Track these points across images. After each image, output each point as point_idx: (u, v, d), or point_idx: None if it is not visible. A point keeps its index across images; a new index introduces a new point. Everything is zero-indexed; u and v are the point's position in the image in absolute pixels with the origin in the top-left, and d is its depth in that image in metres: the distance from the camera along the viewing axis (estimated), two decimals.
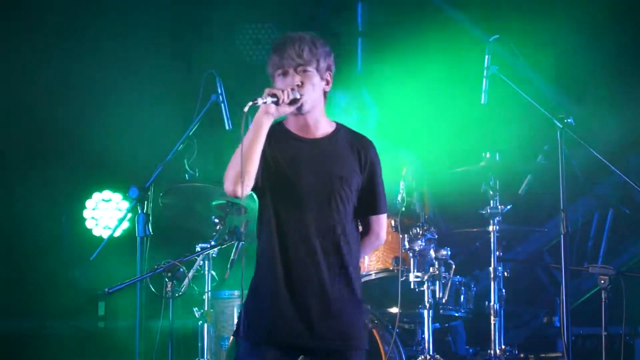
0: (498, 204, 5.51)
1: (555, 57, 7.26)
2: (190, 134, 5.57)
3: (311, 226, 3.86)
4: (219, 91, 5.59)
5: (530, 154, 6.10)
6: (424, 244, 5.49)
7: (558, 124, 4.68)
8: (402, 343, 5.64)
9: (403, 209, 5.54)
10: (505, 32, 4.94)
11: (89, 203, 7.33)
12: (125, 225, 6.89)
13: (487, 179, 5.54)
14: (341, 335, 3.87)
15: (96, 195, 7.33)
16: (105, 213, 7.30)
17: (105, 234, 7.23)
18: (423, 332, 5.47)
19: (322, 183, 3.88)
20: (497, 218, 5.49)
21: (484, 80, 4.95)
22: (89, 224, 7.14)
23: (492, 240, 5.48)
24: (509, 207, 5.53)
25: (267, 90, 3.82)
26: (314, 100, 3.92)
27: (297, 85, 3.86)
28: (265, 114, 3.81)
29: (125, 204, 7.33)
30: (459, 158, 6.05)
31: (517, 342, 6.01)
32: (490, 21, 7.24)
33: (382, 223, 4.08)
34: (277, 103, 3.81)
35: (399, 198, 5.56)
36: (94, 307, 7.23)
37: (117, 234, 6.89)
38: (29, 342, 7.12)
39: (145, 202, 5.50)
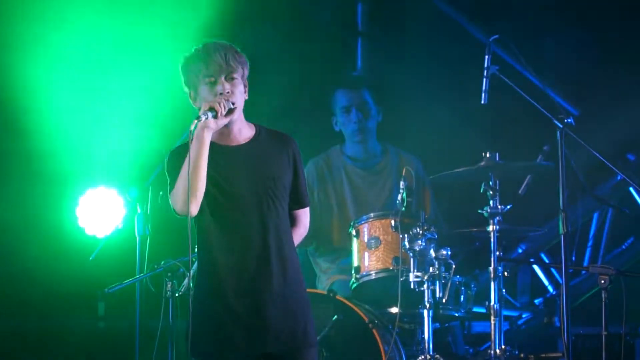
0: (498, 204, 5.51)
1: (555, 56, 7.26)
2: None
3: (251, 231, 3.88)
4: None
5: (530, 154, 6.10)
6: (424, 244, 5.48)
7: (558, 124, 4.67)
8: (402, 343, 5.64)
9: (403, 209, 5.54)
10: (505, 32, 4.94)
11: (82, 200, 7.33)
12: (119, 224, 6.90)
13: (487, 179, 5.53)
14: (294, 334, 3.90)
15: (90, 192, 7.34)
16: (99, 210, 7.29)
17: (98, 235, 7.23)
18: (423, 332, 5.47)
19: (257, 186, 3.92)
20: (497, 218, 5.49)
21: (484, 80, 4.95)
22: (81, 222, 7.14)
23: (492, 240, 5.48)
24: (509, 207, 5.52)
25: (203, 106, 3.86)
26: (241, 109, 3.96)
27: (228, 92, 3.89)
28: (206, 129, 3.84)
29: (121, 200, 7.32)
30: (459, 158, 6.04)
31: (517, 342, 6.01)
32: (490, 21, 7.24)
33: (308, 214, 4.16)
34: (215, 116, 3.85)
35: (399, 198, 5.56)
36: (94, 307, 7.22)
37: (109, 232, 6.91)
38: (29, 342, 7.12)
39: (145, 202, 5.50)
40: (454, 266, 5.50)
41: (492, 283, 5.47)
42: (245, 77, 4.01)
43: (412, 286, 5.46)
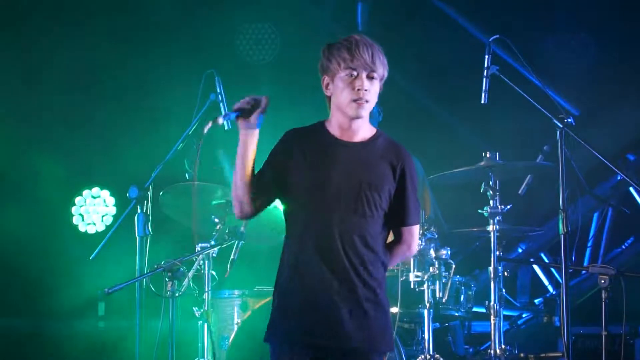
0: (498, 204, 5.51)
1: (555, 56, 7.27)
2: (190, 133, 5.57)
3: (336, 228, 3.83)
4: (219, 90, 5.60)
5: (530, 154, 6.10)
6: (424, 243, 5.49)
7: (558, 124, 4.67)
8: (402, 343, 5.64)
9: None
10: (505, 32, 4.94)
11: (78, 200, 7.34)
12: (109, 220, 6.93)
13: (487, 179, 5.53)
14: (367, 338, 3.85)
15: (85, 192, 7.34)
16: (92, 209, 7.30)
17: (90, 230, 7.23)
18: (423, 332, 5.47)
19: (351, 187, 3.86)
20: (497, 218, 5.49)
21: (484, 80, 4.95)
22: (75, 220, 7.14)
23: (492, 240, 5.48)
24: (509, 207, 5.52)
25: (219, 118, 3.80)
26: (371, 107, 3.93)
27: (366, 90, 3.87)
28: (243, 130, 3.82)
29: (112, 200, 7.33)
30: (459, 158, 6.04)
31: (517, 342, 6.02)
32: (490, 21, 7.24)
33: (414, 234, 4.03)
34: (240, 115, 3.82)
35: None
36: (94, 307, 7.23)
37: (100, 228, 6.91)
38: (29, 342, 7.12)
39: (145, 202, 5.50)
40: (454, 266, 5.50)
41: (492, 283, 5.47)
42: (383, 80, 3.97)
43: (412, 286, 5.46)
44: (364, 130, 3.97)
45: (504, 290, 5.53)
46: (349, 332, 3.82)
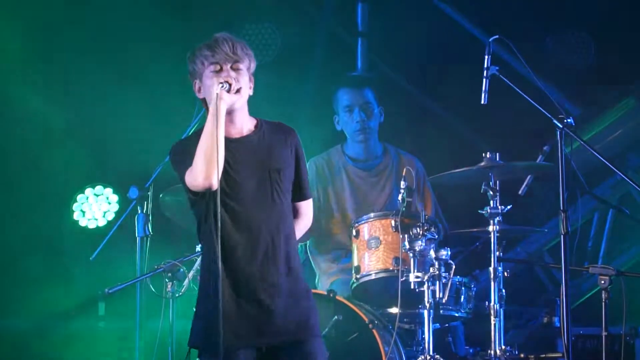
0: (498, 204, 5.50)
1: (555, 56, 7.27)
2: (190, 133, 5.57)
3: (257, 223, 3.90)
4: None
5: (530, 154, 6.10)
6: (424, 244, 5.48)
7: (558, 124, 4.67)
8: (402, 343, 5.64)
9: (403, 209, 5.54)
10: (505, 32, 4.94)
11: (80, 197, 7.34)
12: (111, 216, 6.92)
13: (487, 179, 5.53)
14: (299, 326, 3.92)
15: (88, 190, 7.35)
16: (94, 206, 7.30)
17: (91, 225, 7.23)
18: (423, 332, 5.46)
19: (263, 178, 3.93)
20: (497, 218, 5.48)
21: (484, 80, 4.94)
22: (76, 215, 7.15)
23: (492, 240, 5.47)
24: (509, 207, 5.52)
25: (216, 79, 3.89)
26: (245, 97, 3.99)
27: (234, 79, 3.93)
28: (220, 100, 3.87)
29: (115, 198, 7.33)
30: (459, 158, 6.04)
31: (517, 342, 6.01)
32: (490, 21, 7.24)
33: (311, 205, 4.18)
34: (228, 90, 3.90)
35: (399, 198, 5.56)
36: (94, 307, 7.22)
37: (101, 223, 6.91)
38: (29, 342, 7.12)
39: (145, 202, 5.51)
40: (454, 266, 5.50)
41: (492, 283, 5.47)
42: (252, 70, 4.05)
43: (412, 286, 5.46)
44: (248, 123, 4.03)
45: (504, 290, 5.53)
46: (282, 325, 3.88)
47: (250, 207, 3.91)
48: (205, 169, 3.82)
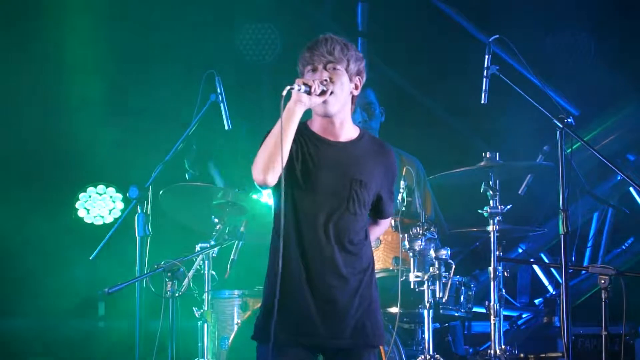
0: (498, 204, 5.50)
1: (555, 56, 7.27)
2: (190, 133, 5.57)
3: (326, 228, 3.88)
4: (219, 91, 5.60)
5: (530, 154, 6.10)
6: (424, 243, 5.48)
7: (558, 124, 4.67)
8: (402, 343, 5.63)
9: (403, 208, 5.54)
10: (505, 32, 4.94)
11: (82, 196, 7.34)
12: (117, 214, 6.91)
13: (487, 179, 5.53)
14: (358, 334, 3.90)
15: (90, 189, 7.35)
16: (98, 204, 7.31)
17: (96, 222, 7.24)
18: (423, 332, 5.46)
19: (342, 186, 3.90)
20: (497, 218, 5.49)
21: (484, 80, 4.95)
22: (81, 213, 7.15)
23: (492, 240, 5.48)
24: (509, 207, 5.52)
25: (297, 80, 3.85)
26: (341, 100, 3.94)
27: (326, 80, 3.88)
28: (298, 102, 3.82)
29: (119, 196, 7.34)
30: (459, 158, 6.04)
31: (517, 342, 6.01)
32: (490, 21, 7.24)
33: (389, 219, 4.31)
34: (309, 93, 3.83)
35: (399, 198, 5.56)
36: (94, 307, 7.23)
37: (108, 220, 6.90)
38: (29, 342, 7.12)
39: (145, 202, 5.50)
40: (454, 266, 5.50)
41: (492, 283, 5.47)
42: (355, 72, 3.97)
43: (412, 286, 5.46)
44: (348, 130, 3.99)
45: (504, 290, 5.53)
46: (343, 329, 3.86)
47: (323, 211, 3.88)
48: (263, 167, 3.79)
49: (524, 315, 7.40)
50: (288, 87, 3.82)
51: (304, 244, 3.87)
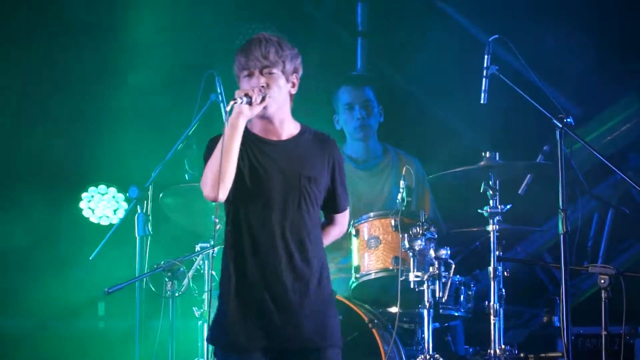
0: (498, 204, 5.51)
1: (555, 56, 7.26)
2: (190, 133, 5.58)
3: (280, 228, 3.88)
4: (219, 91, 5.60)
5: (530, 154, 6.10)
6: (423, 243, 5.48)
7: (558, 124, 4.67)
8: (402, 343, 5.64)
9: (403, 208, 5.54)
10: (505, 32, 4.94)
11: (84, 195, 7.34)
12: (122, 214, 6.91)
13: (487, 179, 5.53)
14: (318, 334, 3.90)
15: (92, 189, 7.34)
16: (102, 204, 7.31)
17: (102, 222, 7.23)
18: (423, 332, 5.46)
19: (291, 184, 3.91)
20: (497, 218, 5.49)
21: (484, 80, 4.95)
22: (86, 213, 7.15)
23: (492, 240, 5.48)
24: (509, 207, 5.52)
25: (237, 92, 3.85)
26: (279, 102, 3.94)
27: (263, 86, 3.87)
28: (240, 115, 3.82)
29: (121, 196, 7.33)
30: (459, 158, 6.04)
31: (517, 342, 6.01)
32: (490, 21, 7.24)
33: (347, 215, 4.19)
34: (250, 103, 3.83)
35: (399, 198, 5.56)
36: (94, 307, 7.23)
37: (114, 220, 6.90)
38: (29, 342, 7.12)
39: (145, 202, 5.51)
40: (454, 266, 5.50)
41: (492, 283, 5.47)
42: (291, 71, 3.98)
43: (412, 286, 5.46)
44: (289, 127, 4.00)
45: (504, 290, 5.53)
46: (302, 330, 3.87)
47: (273, 210, 3.88)
48: (212, 184, 3.81)
49: (524, 315, 7.39)
50: (232, 103, 3.81)
51: (258, 247, 3.87)
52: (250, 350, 3.85)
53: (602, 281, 4.90)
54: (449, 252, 5.52)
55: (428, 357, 5.41)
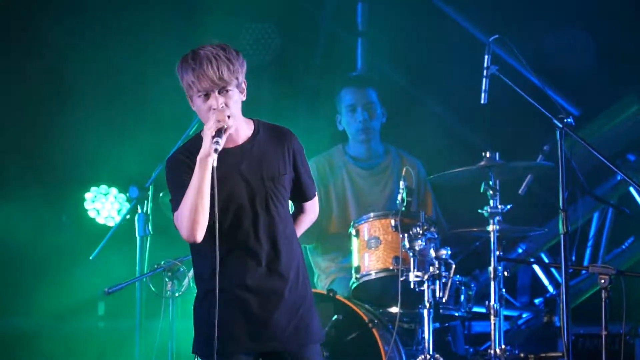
0: (498, 204, 5.51)
1: (555, 56, 7.27)
2: (190, 133, 5.58)
3: (253, 231, 3.87)
4: None
5: (530, 154, 6.10)
6: (424, 243, 5.49)
7: (558, 124, 4.67)
8: (402, 343, 5.64)
9: (403, 208, 5.54)
10: (505, 32, 4.94)
11: (88, 195, 7.33)
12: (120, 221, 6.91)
13: (487, 179, 5.54)
14: (297, 333, 3.90)
15: (94, 189, 7.34)
16: (105, 205, 7.30)
17: (108, 222, 7.23)
18: (423, 332, 5.47)
19: (256, 188, 3.88)
20: (497, 218, 5.49)
21: (484, 80, 4.95)
22: (91, 213, 7.15)
23: (492, 240, 5.48)
24: (509, 207, 5.53)
25: (214, 127, 3.76)
26: (237, 116, 3.88)
27: (222, 106, 3.82)
28: (211, 155, 3.76)
29: (123, 197, 7.33)
30: (459, 158, 6.04)
31: (517, 342, 6.01)
32: (490, 21, 7.24)
33: (316, 201, 4.14)
34: (224, 130, 3.78)
35: (399, 198, 5.56)
36: (94, 307, 7.22)
37: (112, 222, 6.90)
38: (28, 342, 7.12)
39: (145, 202, 5.51)
40: (454, 266, 5.50)
41: (492, 283, 5.48)
42: (242, 81, 3.92)
43: (412, 286, 5.46)
44: (244, 129, 3.94)
45: (504, 290, 5.54)
46: (281, 331, 3.87)
47: (246, 216, 3.87)
48: (190, 227, 3.79)
49: (524, 315, 7.39)
50: (214, 147, 3.73)
51: (232, 252, 3.86)
52: (233, 354, 3.85)
53: (602, 281, 4.90)
54: (449, 252, 5.53)
55: (428, 357, 5.42)
